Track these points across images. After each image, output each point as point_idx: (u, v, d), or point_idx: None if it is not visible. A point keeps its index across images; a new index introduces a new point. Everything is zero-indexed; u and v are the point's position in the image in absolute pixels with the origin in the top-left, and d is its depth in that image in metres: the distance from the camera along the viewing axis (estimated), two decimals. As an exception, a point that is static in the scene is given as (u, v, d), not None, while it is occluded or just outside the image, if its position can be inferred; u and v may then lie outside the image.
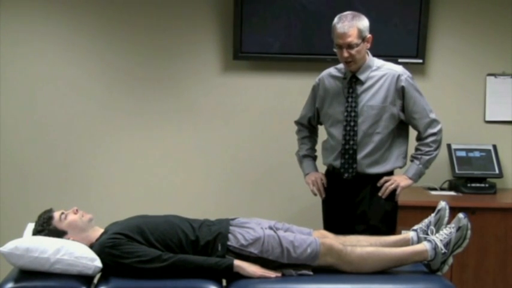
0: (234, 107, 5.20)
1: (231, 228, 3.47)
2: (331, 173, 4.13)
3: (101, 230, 3.50)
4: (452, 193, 4.91)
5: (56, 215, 3.48)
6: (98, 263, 3.29)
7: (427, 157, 3.96)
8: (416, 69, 4.93)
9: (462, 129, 5.14)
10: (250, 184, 5.23)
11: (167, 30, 5.14)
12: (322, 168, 4.24)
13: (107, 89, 5.17)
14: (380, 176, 3.98)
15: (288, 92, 5.18)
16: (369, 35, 3.89)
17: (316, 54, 5.07)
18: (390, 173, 4.03)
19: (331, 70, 4.13)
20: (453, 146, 5.04)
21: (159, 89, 5.18)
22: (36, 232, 3.45)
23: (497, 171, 4.99)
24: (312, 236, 3.51)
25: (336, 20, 3.90)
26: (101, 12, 5.10)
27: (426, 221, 3.62)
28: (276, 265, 3.40)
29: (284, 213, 5.05)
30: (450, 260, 3.45)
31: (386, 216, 3.98)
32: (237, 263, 3.34)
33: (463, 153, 5.03)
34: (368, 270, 3.41)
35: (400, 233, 3.90)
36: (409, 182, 3.98)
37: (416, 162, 3.98)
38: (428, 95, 4.94)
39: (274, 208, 5.13)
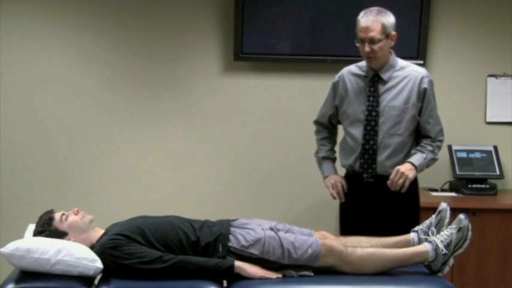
0: (235, 108, 5.20)
1: (231, 229, 3.47)
2: (350, 176, 4.03)
3: (102, 231, 3.50)
4: (453, 194, 4.91)
5: (57, 216, 3.48)
6: (98, 264, 3.29)
7: (432, 156, 3.88)
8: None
9: (463, 130, 5.14)
10: (252, 185, 5.23)
11: (168, 32, 5.14)
12: (341, 171, 4.18)
13: (108, 90, 5.16)
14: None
15: (289, 93, 5.18)
16: (393, 33, 3.83)
17: (317, 55, 5.07)
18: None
19: (352, 68, 4.06)
20: (454, 147, 5.04)
21: (160, 90, 5.18)
22: (37, 233, 3.45)
23: (498, 172, 4.99)
24: (312, 237, 3.51)
25: (361, 14, 3.86)
26: (101, 13, 5.10)
27: (427, 222, 3.62)
28: (277, 266, 3.40)
29: (286, 214, 5.06)
30: (451, 261, 3.45)
31: (408, 219, 3.89)
32: (238, 264, 3.34)
33: (464, 154, 5.03)
34: (369, 271, 3.41)
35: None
36: (415, 172, 3.85)
37: (423, 155, 3.86)
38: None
39: (276, 209, 5.13)
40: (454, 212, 3.69)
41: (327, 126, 4.20)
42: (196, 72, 5.17)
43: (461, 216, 3.46)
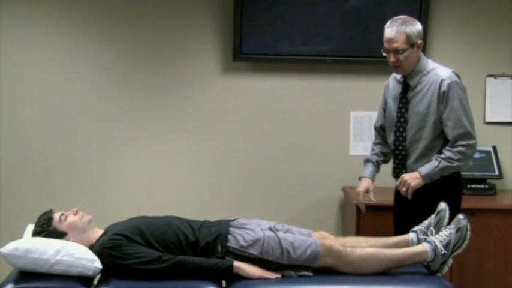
0: (234, 108, 5.20)
1: (230, 229, 3.48)
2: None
3: (101, 231, 3.51)
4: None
5: (56, 216, 3.48)
6: (97, 264, 3.30)
7: (447, 163, 3.81)
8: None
9: (462, 131, 5.14)
10: (251, 185, 5.22)
11: (166, 32, 5.13)
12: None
13: (107, 91, 5.16)
14: (440, 180, 3.86)
15: (288, 93, 5.18)
16: (419, 41, 3.85)
17: (316, 55, 5.07)
18: (444, 178, 3.89)
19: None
20: (453, 147, 5.03)
21: (159, 90, 5.17)
22: (36, 233, 3.45)
23: (497, 173, 4.99)
24: (311, 237, 3.51)
25: (387, 24, 3.88)
26: (99, 14, 5.09)
27: (426, 222, 3.63)
28: (276, 266, 3.40)
29: (285, 214, 5.05)
30: (450, 261, 3.46)
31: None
32: (237, 264, 3.35)
33: (463, 155, 5.02)
34: (368, 271, 3.42)
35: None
36: (420, 181, 3.84)
37: (435, 163, 3.82)
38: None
39: (275, 209, 5.12)
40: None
41: (379, 131, 4.23)
42: (195, 73, 5.17)
43: (460, 216, 3.46)
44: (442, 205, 3.60)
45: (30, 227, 3.55)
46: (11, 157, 5.13)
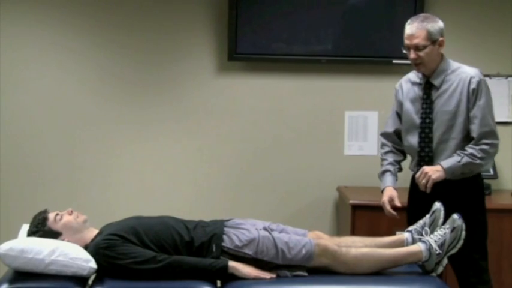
0: (229, 108, 5.20)
1: (225, 229, 3.47)
2: (414, 180, 3.96)
3: (96, 231, 3.50)
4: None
5: (51, 216, 3.48)
6: (92, 264, 3.29)
7: (469, 160, 3.75)
8: (410, 71, 4.93)
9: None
10: (246, 185, 5.22)
11: (161, 33, 5.13)
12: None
13: (100, 92, 5.16)
14: (461, 182, 3.82)
15: (283, 93, 5.19)
16: (441, 38, 3.82)
17: (311, 55, 5.08)
18: (472, 179, 3.87)
19: (410, 75, 4.04)
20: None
21: (154, 91, 5.17)
22: (30, 233, 3.45)
23: (492, 172, 4.99)
24: (306, 237, 3.51)
25: (408, 21, 3.85)
26: (92, 14, 5.09)
27: (421, 222, 3.63)
28: (271, 266, 3.40)
29: (280, 214, 5.06)
30: (445, 261, 3.46)
31: (472, 228, 3.66)
32: (232, 264, 3.34)
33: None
34: (363, 271, 3.42)
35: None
36: (441, 174, 3.76)
37: (458, 158, 3.76)
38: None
39: (270, 209, 5.13)
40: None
41: (391, 136, 4.10)
42: (190, 73, 5.17)
43: (455, 216, 3.46)
44: (437, 205, 3.60)
45: (25, 227, 3.54)
46: (7, 158, 5.12)
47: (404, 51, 3.87)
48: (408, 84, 4.02)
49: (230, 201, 5.19)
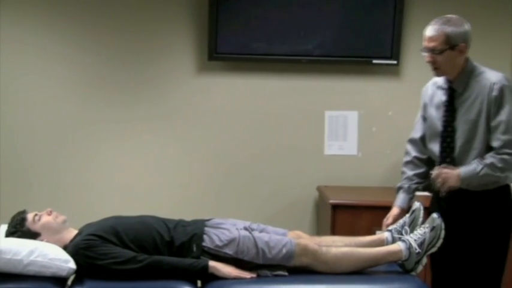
0: (209, 108, 5.19)
1: (206, 229, 3.47)
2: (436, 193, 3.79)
3: (75, 232, 3.49)
4: (426, 194, 4.92)
5: (30, 216, 3.46)
6: (72, 265, 3.28)
7: (489, 171, 3.52)
8: (391, 71, 4.96)
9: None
10: (227, 184, 5.22)
11: (141, 32, 5.11)
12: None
13: (80, 92, 5.12)
14: (483, 193, 3.60)
15: (263, 93, 5.18)
16: (462, 44, 3.58)
17: (291, 55, 5.08)
18: (496, 191, 3.63)
19: (437, 79, 3.77)
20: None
21: (133, 91, 5.15)
22: (9, 234, 3.43)
23: None
24: (287, 237, 3.52)
25: (431, 21, 3.63)
26: (73, 16, 5.06)
27: (401, 221, 3.65)
28: (252, 266, 3.40)
29: (261, 213, 5.05)
30: (424, 260, 3.47)
31: (491, 244, 3.63)
32: (212, 263, 3.34)
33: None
34: (343, 270, 3.43)
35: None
36: (457, 183, 3.56)
37: (477, 168, 3.53)
38: (403, 97, 4.95)
39: (251, 208, 5.12)
40: (428, 211, 3.70)
41: (416, 143, 3.88)
42: (170, 73, 5.15)
43: (434, 215, 3.48)
44: (417, 204, 3.63)
45: (4, 228, 3.52)
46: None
47: (423, 54, 3.65)
48: (433, 88, 3.80)
49: (211, 201, 5.18)
